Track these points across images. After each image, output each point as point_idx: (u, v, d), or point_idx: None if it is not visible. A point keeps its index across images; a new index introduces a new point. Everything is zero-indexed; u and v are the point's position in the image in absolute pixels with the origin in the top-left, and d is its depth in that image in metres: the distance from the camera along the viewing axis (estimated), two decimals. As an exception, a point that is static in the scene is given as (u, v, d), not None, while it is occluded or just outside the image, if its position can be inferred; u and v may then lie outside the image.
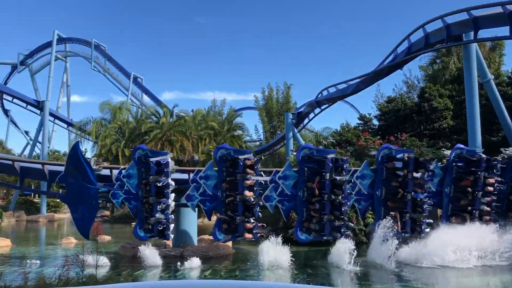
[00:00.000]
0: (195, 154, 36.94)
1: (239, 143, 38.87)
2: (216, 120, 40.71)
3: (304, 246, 19.38)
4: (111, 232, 28.15)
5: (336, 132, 36.10)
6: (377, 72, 25.37)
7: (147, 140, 35.48)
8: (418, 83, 37.90)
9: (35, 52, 63.26)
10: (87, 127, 42.57)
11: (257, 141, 54.17)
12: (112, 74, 63.97)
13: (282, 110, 47.26)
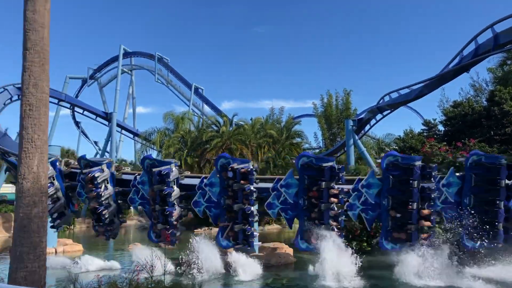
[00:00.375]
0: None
1: (298, 151, 38.66)
2: (275, 128, 40.82)
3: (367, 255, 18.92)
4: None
5: (400, 138, 35.00)
6: (442, 76, 24.40)
7: (208, 148, 36.23)
8: (486, 86, 36.01)
9: (103, 66, 66.80)
10: (151, 136, 44.23)
11: (316, 148, 53.67)
12: (174, 86, 66.17)
13: (341, 117, 46.59)
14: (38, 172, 6.53)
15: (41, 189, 6.50)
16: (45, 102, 6.88)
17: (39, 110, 6.76)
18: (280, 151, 37.19)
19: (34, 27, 6.90)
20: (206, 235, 33.04)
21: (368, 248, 19.46)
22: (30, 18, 6.89)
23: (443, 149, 23.69)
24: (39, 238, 6.32)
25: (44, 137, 6.75)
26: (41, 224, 6.41)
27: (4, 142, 29.23)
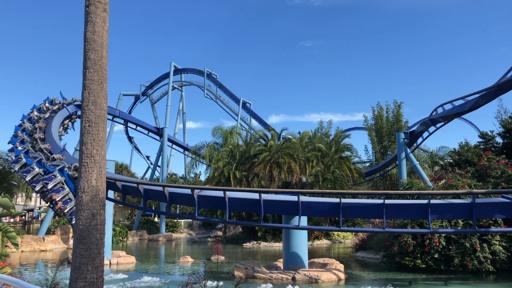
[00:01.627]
0: (303, 175, 36.94)
1: (347, 165, 38.12)
2: (323, 142, 40.42)
3: (421, 273, 18.28)
4: (224, 252, 29.14)
5: (454, 151, 33.72)
6: (500, 86, 23.32)
7: (256, 162, 36.37)
8: (549, 95, 34.19)
9: (155, 83, 68.98)
10: (201, 151, 45.02)
11: (366, 162, 52.66)
12: (223, 101, 67.22)
13: (392, 129, 45.59)
14: (96, 186, 6.79)
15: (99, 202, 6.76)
16: (103, 118, 7.17)
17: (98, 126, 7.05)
18: (329, 164, 36.73)
19: (93, 47, 7.25)
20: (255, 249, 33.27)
21: (423, 265, 18.75)
22: (89, 38, 7.24)
23: (502, 162, 22.58)
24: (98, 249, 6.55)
25: (102, 152, 7.03)
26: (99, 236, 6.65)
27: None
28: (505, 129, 28.35)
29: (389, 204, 15.70)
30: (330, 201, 16.90)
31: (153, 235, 46.24)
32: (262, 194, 16.07)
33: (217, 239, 42.85)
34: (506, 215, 15.73)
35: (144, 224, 51.24)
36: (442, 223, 18.88)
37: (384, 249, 21.39)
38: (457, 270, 18.31)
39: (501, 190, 18.66)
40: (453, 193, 16.35)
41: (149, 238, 45.25)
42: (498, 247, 18.25)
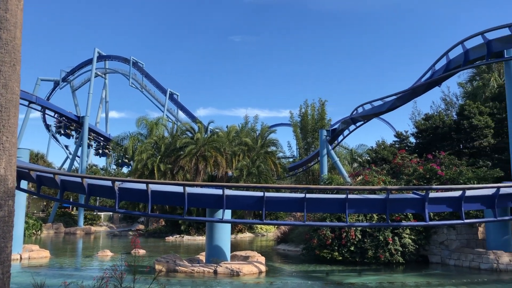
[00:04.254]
0: (229, 169, 37.11)
1: (272, 159, 38.82)
2: (250, 136, 40.85)
3: (338, 264, 19.10)
4: (145, 246, 28.49)
5: (372, 149, 35.54)
6: (415, 89, 24.91)
7: (182, 155, 35.93)
8: (456, 100, 37.01)
9: (76, 69, 65.62)
10: (124, 142, 43.60)
11: (290, 157, 54.03)
12: (149, 91, 65.55)
13: (316, 126, 47.10)
14: (5, 175, 6.31)
15: (7, 192, 6.29)
16: (15, 103, 6.66)
17: (9, 111, 6.54)
18: (255, 159, 37.20)
19: (5, 26, 6.70)
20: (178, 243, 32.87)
21: (340, 257, 19.59)
22: (1, 16, 6.69)
23: (414, 160, 24.14)
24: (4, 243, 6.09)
25: (13, 139, 6.54)
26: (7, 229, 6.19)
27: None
28: (418, 129, 30.31)
29: (310, 198, 16.21)
30: (254, 194, 17.12)
31: (70, 228, 44.09)
32: (187, 188, 15.91)
33: (138, 232, 41.82)
34: (416, 210, 16.86)
35: (61, 216, 48.71)
36: (358, 217, 19.84)
37: (304, 242, 22.07)
38: (371, 262, 19.35)
39: (412, 187, 19.97)
40: (369, 189, 17.23)
41: (65, 231, 43.09)
42: (408, 240, 19.54)
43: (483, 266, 17.73)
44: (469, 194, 16.35)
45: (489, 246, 18.85)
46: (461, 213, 16.25)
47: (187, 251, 25.91)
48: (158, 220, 42.61)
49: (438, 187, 18.29)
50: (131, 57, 63.14)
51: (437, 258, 20.11)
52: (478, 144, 25.80)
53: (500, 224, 18.21)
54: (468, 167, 22.63)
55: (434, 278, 16.47)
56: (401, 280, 15.89)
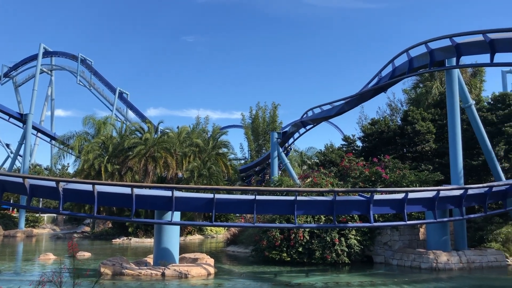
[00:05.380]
0: (179, 171, 36.70)
1: (223, 161, 38.78)
2: (201, 138, 40.63)
3: (287, 265, 19.35)
4: (91, 248, 27.64)
5: (320, 152, 36.26)
6: (362, 94, 25.66)
7: (131, 156, 35.17)
8: (401, 106, 38.44)
9: (20, 65, 62.74)
10: (70, 141, 42.07)
11: (242, 159, 54.21)
12: (97, 89, 63.71)
13: (268, 129, 47.53)
14: None
15: None
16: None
17: None
18: (206, 160, 37.01)
19: None
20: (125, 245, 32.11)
21: (288, 258, 19.85)
22: None
23: (360, 164, 24.87)
24: None
25: None
26: None
27: None
28: (364, 134, 31.23)
29: (259, 200, 16.37)
30: (204, 196, 17.07)
31: (10, 230, 41.98)
32: (135, 189, 15.62)
33: (84, 235, 40.50)
34: (361, 211, 17.42)
35: (0, 218, 46.30)
36: (307, 218, 20.20)
37: (253, 244, 22.18)
38: (318, 263, 19.74)
39: (358, 189, 20.58)
40: (317, 191, 17.58)
41: (4, 234, 40.99)
42: (353, 240, 20.11)
43: (423, 265, 18.53)
44: (412, 197, 17.07)
45: (429, 246, 19.73)
46: (403, 215, 16.94)
47: (135, 253, 25.37)
48: (105, 222, 41.45)
49: (383, 189, 18.96)
50: (79, 54, 61.16)
51: (381, 258, 20.82)
52: (420, 149, 26.94)
53: (439, 225, 19.11)
54: (411, 171, 23.58)
55: (378, 277, 17.04)
56: (346, 280, 16.32)
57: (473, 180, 23.70)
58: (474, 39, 17.14)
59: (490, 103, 26.88)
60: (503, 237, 21.00)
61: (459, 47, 17.80)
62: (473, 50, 17.67)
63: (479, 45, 16.71)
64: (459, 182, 20.06)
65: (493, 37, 15.60)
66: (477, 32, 16.38)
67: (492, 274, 18.06)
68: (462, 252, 19.28)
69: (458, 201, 17.97)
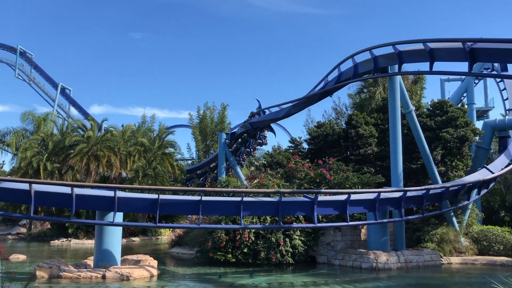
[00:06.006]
0: (123, 170, 35.74)
1: (170, 161, 38.17)
2: (147, 137, 39.81)
3: (232, 266, 19.31)
4: (27, 251, 26.32)
5: (268, 153, 36.54)
6: (309, 98, 26.14)
7: (72, 154, 33.87)
8: (346, 110, 39.48)
9: (-50, 55, 58.81)
10: (6, 138, 39.84)
11: (189, 159, 53.61)
12: (38, 84, 60.96)
13: (216, 129, 47.26)
14: None
15: None
16: None
17: None
18: (151, 160, 36.28)
19: None
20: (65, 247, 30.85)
21: (233, 259, 19.82)
22: None
23: (306, 165, 25.30)
24: None
25: None
26: None
27: None
28: (310, 136, 31.77)
29: (205, 201, 16.23)
30: (148, 197, 16.69)
31: None
32: (75, 188, 15.01)
33: (19, 236, 38.50)
34: (306, 212, 17.67)
35: None
36: (253, 219, 20.26)
37: (198, 245, 21.98)
38: (263, 263, 19.86)
39: (303, 190, 20.93)
40: (264, 192, 17.69)
41: None
42: (298, 241, 20.39)
43: (364, 265, 19.10)
44: (354, 198, 17.56)
45: (370, 246, 20.37)
46: (346, 216, 17.38)
47: (75, 255, 24.43)
48: (43, 223, 39.62)
49: (327, 191, 19.37)
50: (18, 46, 58.22)
51: (324, 258, 21.27)
52: (363, 152, 27.75)
53: (379, 226, 19.78)
54: (354, 173, 24.25)
55: (320, 277, 17.38)
56: (290, 280, 16.51)
57: (412, 183, 24.68)
58: (415, 48, 17.88)
59: (429, 110, 28.12)
60: (438, 238, 22.08)
61: (401, 54, 18.51)
62: (414, 58, 18.43)
63: (419, 54, 17.44)
64: (399, 185, 20.86)
65: (432, 46, 16.34)
66: (419, 40, 17.08)
67: (427, 273, 18.92)
68: (400, 252, 20.06)
69: (398, 203, 18.67)
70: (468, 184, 21.06)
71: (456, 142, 25.06)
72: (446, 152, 25.22)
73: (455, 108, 27.03)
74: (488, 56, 15.29)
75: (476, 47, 14.39)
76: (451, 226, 22.94)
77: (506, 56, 14.12)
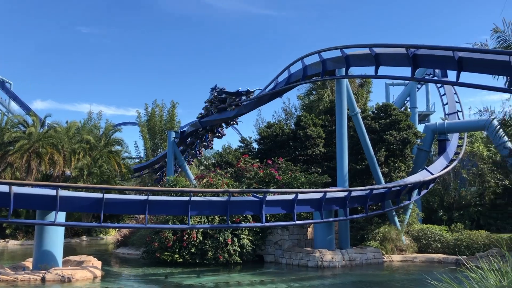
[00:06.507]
0: (67, 168, 34.46)
1: (116, 159, 37.18)
2: (93, 134, 38.59)
3: (179, 267, 19.11)
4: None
5: (218, 153, 36.46)
6: (259, 98, 26.32)
7: (11, 151, 32.27)
8: (295, 111, 40.11)
9: None
10: None
11: (136, 158, 52.53)
12: (-26, 76, 57.51)
13: (165, 128, 46.58)
14: None
15: None
16: None
17: None
18: (97, 158, 35.21)
19: None
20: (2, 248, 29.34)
21: (180, 259, 19.63)
22: None
23: (255, 165, 25.47)
24: None
25: None
26: None
27: None
28: (260, 136, 32.03)
29: (152, 201, 15.99)
30: (93, 196, 16.19)
31: None
32: (14, 187, 14.34)
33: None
34: (254, 211, 17.78)
35: None
36: (201, 219, 20.16)
37: (145, 245, 21.61)
38: (210, 263, 19.81)
39: (252, 189, 21.07)
40: (212, 191, 17.63)
41: None
42: (246, 240, 20.51)
43: (310, 263, 19.50)
44: (301, 198, 17.88)
45: (316, 245, 20.82)
46: (293, 215, 17.66)
47: (13, 257, 23.29)
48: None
49: (275, 190, 19.61)
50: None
51: (271, 257, 21.50)
52: (311, 152, 28.30)
53: (325, 225, 20.27)
54: (302, 173, 24.67)
55: (267, 276, 17.58)
56: (237, 279, 16.59)
57: (357, 183, 25.43)
58: (361, 52, 18.44)
59: (374, 113, 29.10)
60: (381, 236, 22.92)
61: (348, 58, 19.03)
62: (361, 62, 18.99)
63: (366, 58, 18.01)
64: (344, 185, 21.46)
65: (378, 51, 16.93)
66: (365, 45, 17.63)
67: (370, 270, 19.59)
68: (345, 251, 20.65)
69: (343, 202, 19.20)
70: (409, 184, 21.99)
71: (399, 144, 26.09)
72: (390, 153, 26.20)
73: (398, 111, 28.12)
74: (429, 62, 16.08)
75: (419, 53, 15.07)
76: (393, 225, 23.88)
77: (445, 63, 14.89)
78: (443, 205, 30.22)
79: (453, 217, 28.44)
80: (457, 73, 13.98)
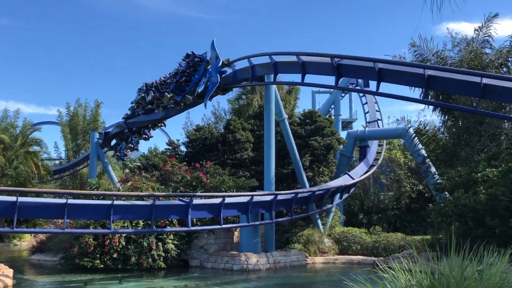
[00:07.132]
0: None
1: (34, 161, 35.04)
2: (8, 133, 36.09)
3: (99, 273, 18.39)
4: None
5: (144, 156, 35.58)
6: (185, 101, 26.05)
7: None
8: (225, 115, 40.14)
9: None
10: None
11: (56, 159, 49.90)
12: None
13: (88, 128, 44.62)
14: None
15: None
16: None
17: None
18: (13, 159, 32.98)
19: None
20: None
21: (101, 265, 18.89)
22: None
23: (183, 168, 25.16)
24: None
25: None
26: None
27: None
28: (189, 139, 31.70)
29: (72, 204, 15.22)
30: (6, 199, 15.13)
31: None
32: None
33: None
34: (180, 216, 17.54)
35: None
36: (124, 223, 19.54)
37: (63, 251, 20.56)
38: (133, 269, 19.26)
39: (178, 193, 20.74)
40: (137, 195, 17.19)
41: None
42: (171, 245, 20.19)
43: (235, 267, 19.58)
44: (228, 201, 17.92)
45: (242, 248, 20.96)
46: (220, 219, 17.65)
47: None
48: None
49: (202, 194, 19.51)
50: None
51: (196, 261, 21.34)
52: (239, 156, 28.48)
53: (251, 228, 20.48)
54: (230, 177, 24.75)
55: (192, 280, 17.44)
56: (161, 284, 16.30)
57: (283, 187, 25.95)
58: (289, 60, 18.93)
59: (301, 119, 29.91)
60: (305, 239, 23.58)
61: (277, 65, 19.45)
62: (289, 69, 19.50)
63: (293, 65, 18.51)
64: (270, 188, 21.84)
65: (305, 59, 17.46)
66: (293, 53, 18.12)
67: (293, 272, 20.08)
68: (270, 254, 20.99)
69: (269, 205, 19.51)
70: (332, 188, 22.84)
71: (323, 149, 27.01)
72: (314, 158, 27.04)
73: (323, 118, 29.12)
74: (352, 72, 16.86)
75: (342, 63, 15.75)
76: (316, 228, 24.66)
77: (367, 73, 15.69)
78: (363, 209, 31.68)
79: (372, 220, 29.88)
80: (377, 83, 14.79)
